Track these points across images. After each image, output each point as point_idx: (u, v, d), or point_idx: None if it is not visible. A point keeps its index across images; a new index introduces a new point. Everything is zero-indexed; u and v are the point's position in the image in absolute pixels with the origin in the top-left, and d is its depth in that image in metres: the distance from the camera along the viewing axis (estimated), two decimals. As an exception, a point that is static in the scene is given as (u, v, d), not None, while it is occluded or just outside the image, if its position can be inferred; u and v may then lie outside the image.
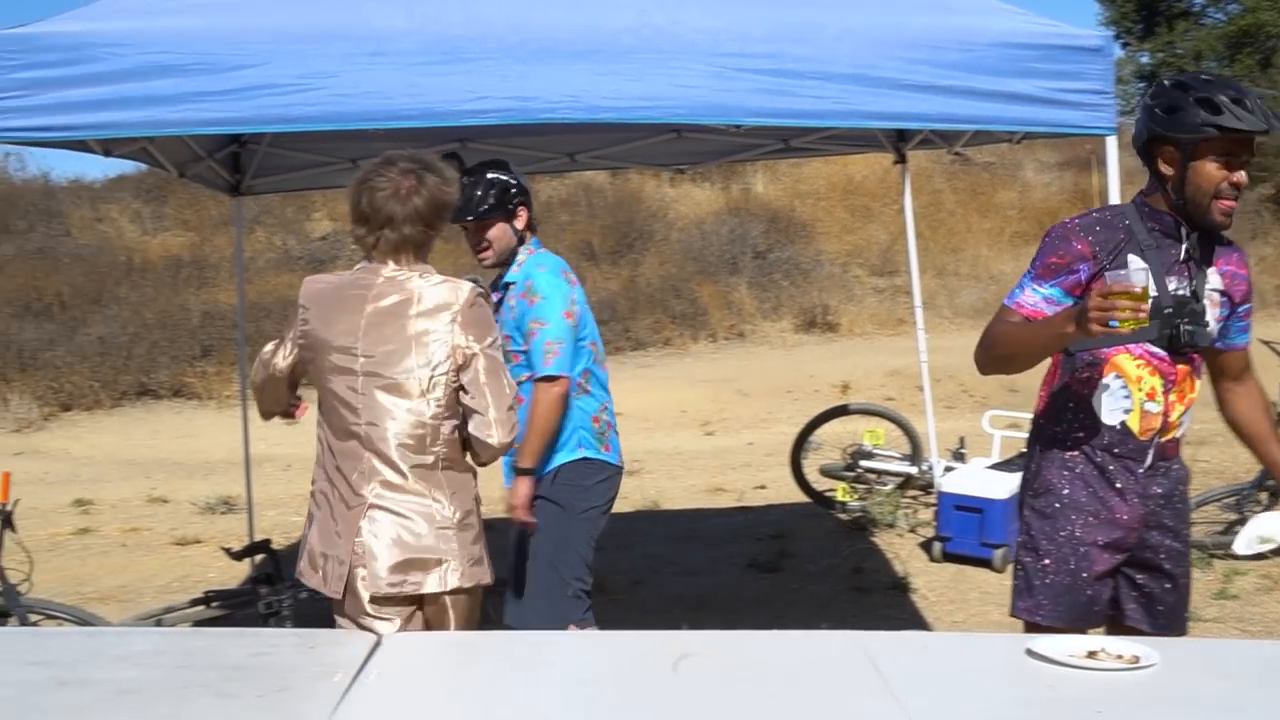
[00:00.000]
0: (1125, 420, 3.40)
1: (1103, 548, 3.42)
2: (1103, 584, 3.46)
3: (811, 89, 4.24)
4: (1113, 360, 3.40)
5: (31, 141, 4.45)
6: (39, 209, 21.10)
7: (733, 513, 9.32)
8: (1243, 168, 3.29)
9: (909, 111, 4.35)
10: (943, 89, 4.26)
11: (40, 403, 15.28)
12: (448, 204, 3.53)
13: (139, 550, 9.05)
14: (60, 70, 4.17)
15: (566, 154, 7.39)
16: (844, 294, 18.77)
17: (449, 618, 3.48)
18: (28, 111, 4.18)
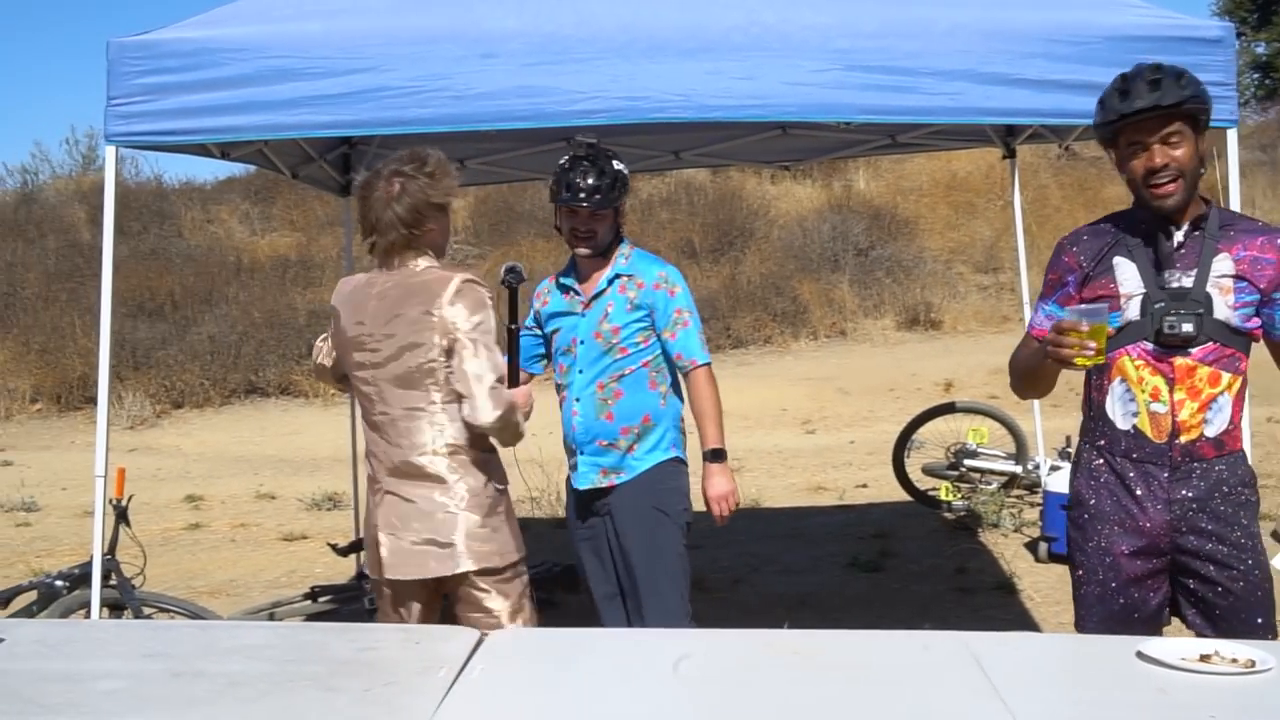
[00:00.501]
0: (1135, 424, 3.36)
1: (1130, 556, 3.38)
2: (1142, 592, 3.40)
3: (923, 85, 4.22)
4: (1117, 364, 3.38)
5: (154, 146, 4.59)
6: (152, 211, 21.59)
7: (834, 511, 9.28)
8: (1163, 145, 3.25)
9: (1022, 107, 4.31)
10: (1057, 84, 4.21)
11: (153, 400, 15.67)
12: (431, 203, 3.66)
13: (247, 545, 9.25)
14: (181, 75, 4.29)
15: (671, 151, 7.40)
16: (947, 291, 18.56)
17: (477, 599, 3.65)
18: (150, 116, 4.32)
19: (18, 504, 10.75)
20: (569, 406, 4.41)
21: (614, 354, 4.32)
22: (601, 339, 4.34)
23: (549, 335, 4.53)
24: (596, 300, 4.37)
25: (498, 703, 2.55)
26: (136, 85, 4.29)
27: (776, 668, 2.70)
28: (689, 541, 4.57)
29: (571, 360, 4.39)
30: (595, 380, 4.35)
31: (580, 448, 4.38)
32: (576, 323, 4.39)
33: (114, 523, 5.22)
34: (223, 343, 16.60)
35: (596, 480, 4.39)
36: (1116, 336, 3.34)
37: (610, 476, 4.39)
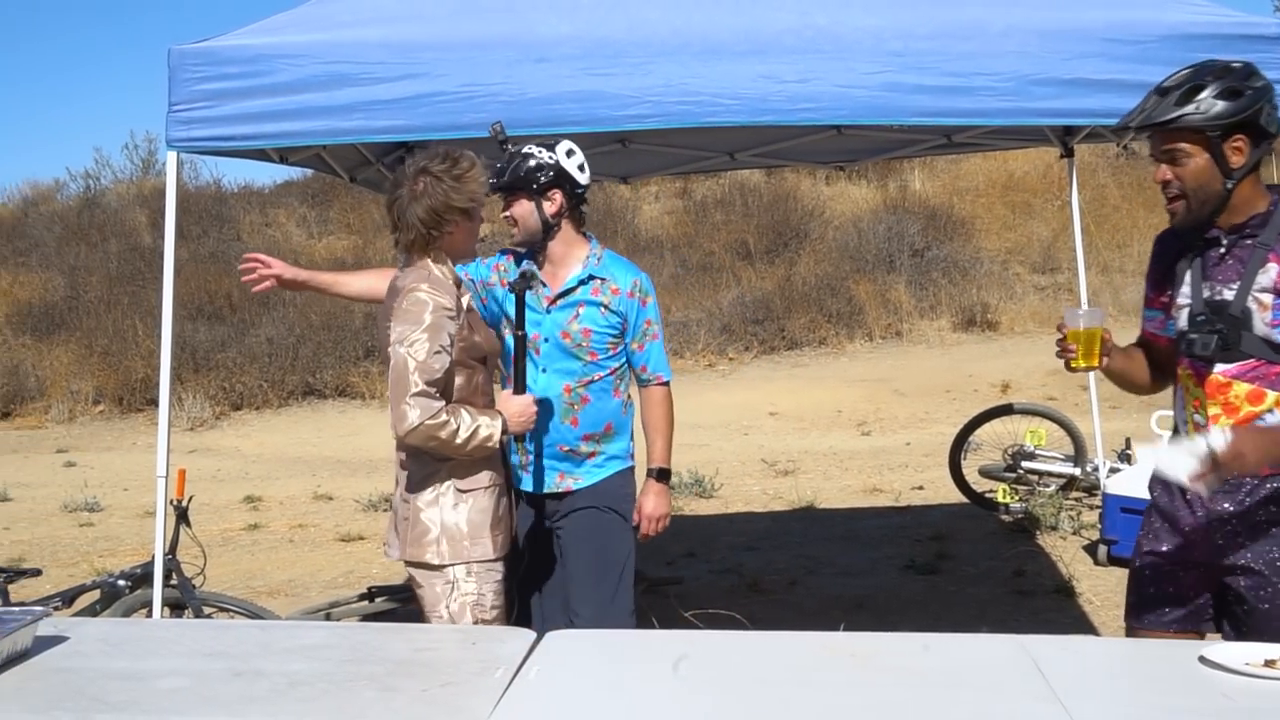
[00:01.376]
0: (1187, 432, 3.31)
1: (1165, 555, 3.36)
2: (1179, 589, 3.36)
3: (979, 87, 4.20)
4: (1177, 371, 3.35)
5: (214, 151, 4.64)
6: (212, 214, 21.84)
7: (890, 513, 9.24)
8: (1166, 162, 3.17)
9: (1080, 107, 4.28)
10: (1115, 83, 4.16)
11: (212, 402, 15.84)
12: (453, 206, 3.65)
13: (305, 546, 9.33)
14: (240, 82, 4.35)
15: (726, 153, 7.40)
16: (1004, 291, 18.42)
17: (419, 587, 3.77)
18: (210, 122, 4.37)
19: (81, 504, 10.91)
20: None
21: (583, 357, 4.17)
22: (570, 340, 4.18)
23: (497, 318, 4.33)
24: (564, 298, 4.20)
25: (555, 703, 2.56)
26: (197, 91, 4.35)
27: (833, 670, 2.69)
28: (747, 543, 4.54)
29: (534, 357, 4.18)
30: (562, 383, 4.20)
31: (539, 450, 4.23)
32: (539, 319, 4.18)
33: (175, 523, 5.29)
34: (281, 345, 16.76)
35: (553, 484, 4.26)
36: (1176, 343, 3.31)
37: (567, 481, 4.26)
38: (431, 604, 3.75)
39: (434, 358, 3.54)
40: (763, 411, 14.33)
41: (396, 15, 4.46)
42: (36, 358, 17.31)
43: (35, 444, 15.05)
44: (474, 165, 3.70)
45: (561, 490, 4.24)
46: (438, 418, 3.53)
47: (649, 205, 21.56)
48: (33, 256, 20.91)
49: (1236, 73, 3.14)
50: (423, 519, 3.75)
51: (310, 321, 17.27)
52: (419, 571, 3.77)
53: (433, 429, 3.53)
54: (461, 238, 3.73)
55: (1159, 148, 3.18)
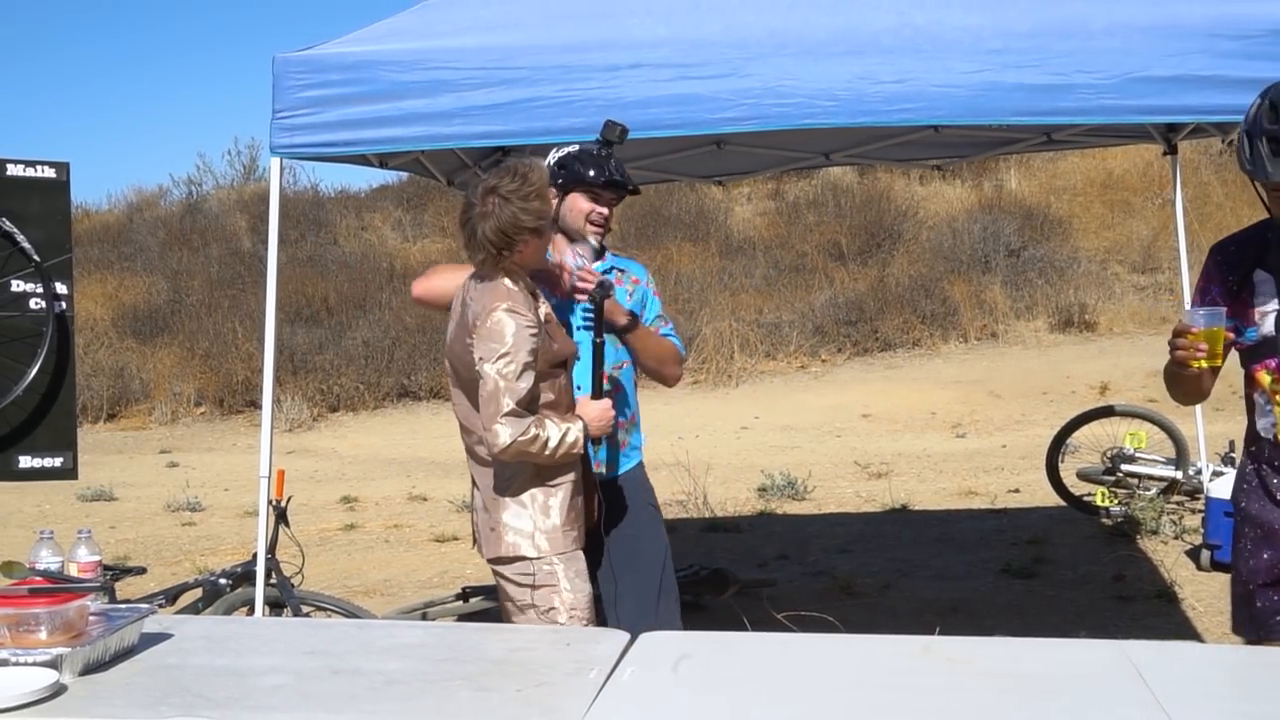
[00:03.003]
0: (1275, 434, 3.36)
1: (1268, 560, 3.38)
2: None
3: (1080, 85, 4.15)
4: (1255, 376, 3.38)
5: (316, 157, 4.74)
6: (309, 219, 22.17)
7: (985, 516, 9.14)
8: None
9: (1184, 104, 4.23)
10: (1220, 80, 4.09)
11: (310, 404, 16.08)
12: (521, 225, 3.67)
13: (400, 546, 9.44)
14: (342, 89, 4.43)
15: (821, 152, 7.37)
16: (1102, 292, 18.12)
17: (504, 586, 3.88)
18: (314, 129, 4.46)
19: (183, 504, 11.13)
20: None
21: (613, 344, 4.15)
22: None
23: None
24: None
25: (649, 704, 2.57)
26: (300, 99, 4.43)
27: (929, 675, 2.67)
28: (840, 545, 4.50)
29: None
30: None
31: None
32: (570, 305, 4.14)
33: (274, 523, 5.38)
34: (376, 347, 16.96)
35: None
36: (1256, 350, 3.35)
37: (602, 469, 4.23)
38: (519, 603, 3.82)
39: (521, 377, 3.65)
40: (855, 413, 14.24)
41: (494, 22, 4.52)
42: (140, 360, 17.69)
43: (139, 445, 15.40)
44: (543, 181, 3.73)
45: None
46: (528, 433, 3.64)
47: (741, 206, 21.51)
48: (137, 261, 21.38)
49: None
50: (504, 518, 3.83)
51: (405, 324, 17.46)
52: (503, 568, 3.85)
53: (524, 444, 3.65)
54: (531, 254, 3.78)
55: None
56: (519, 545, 3.80)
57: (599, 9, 4.52)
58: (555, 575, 3.77)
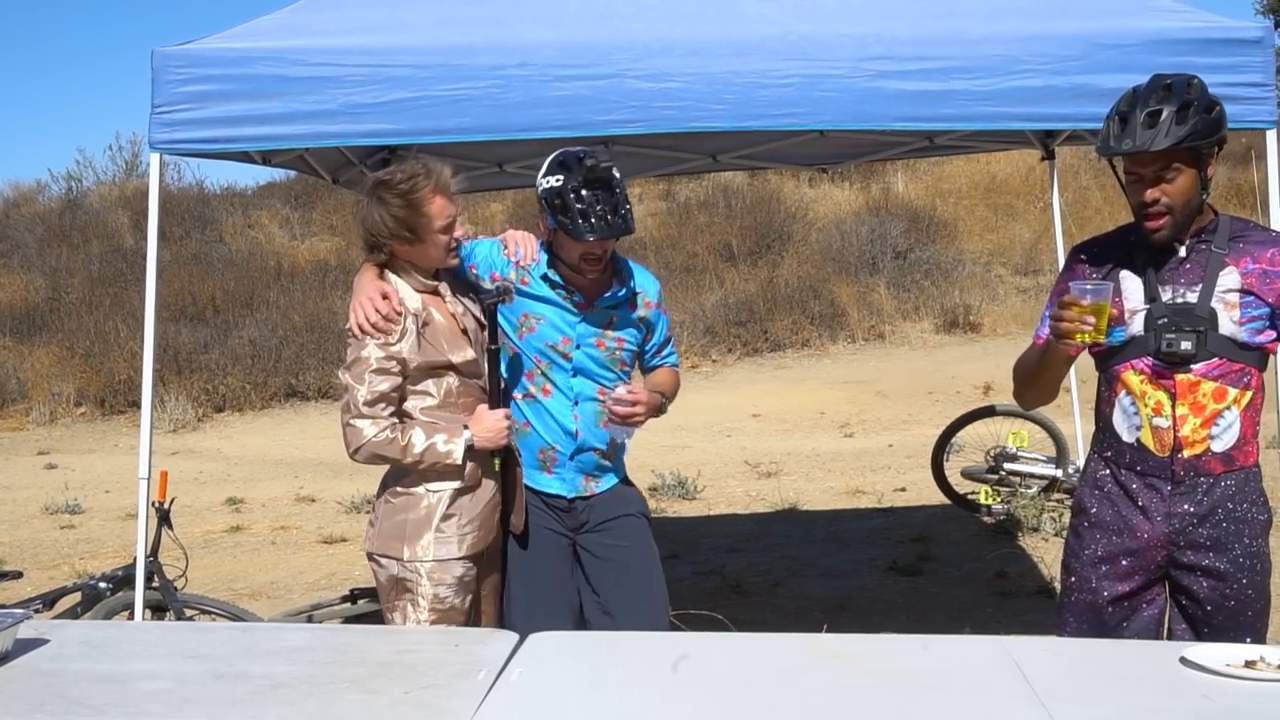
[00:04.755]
0: (1139, 437, 3.37)
1: (1125, 567, 3.39)
2: (1134, 605, 3.42)
3: (960, 90, 4.22)
4: (1121, 377, 3.40)
5: (197, 153, 4.64)
6: (194, 216, 21.78)
7: (873, 515, 9.26)
8: (1156, 183, 3.26)
9: (1060, 112, 4.31)
10: (1097, 89, 4.17)
11: (195, 404, 15.80)
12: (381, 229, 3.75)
13: (288, 548, 9.32)
14: (223, 85, 4.34)
15: (709, 154, 7.40)
16: (986, 294, 18.47)
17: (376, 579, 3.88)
18: (194, 124, 4.36)
19: (62, 506, 10.86)
20: (561, 407, 4.12)
21: (614, 366, 4.15)
22: (604, 348, 4.12)
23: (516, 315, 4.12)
24: (599, 306, 4.14)
25: (537, 706, 2.56)
26: (180, 94, 4.34)
27: (816, 673, 2.70)
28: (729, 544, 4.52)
29: (563, 360, 4.10)
30: (595, 387, 4.13)
31: (573, 453, 4.14)
32: (572, 321, 4.09)
33: (156, 525, 5.27)
34: (263, 347, 16.73)
35: (581, 487, 4.19)
36: (1122, 351, 3.38)
37: (590, 485, 4.21)
38: (384, 601, 3.86)
39: (375, 377, 3.70)
40: (745, 413, 14.34)
41: (380, 23, 4.47)
42: (18, 360, 17.24)
43: (16, 446, 14.99)
44: (426, 191, 3.73)
45: (586, 494, 4.21)
46: (382, 436, 3.69)
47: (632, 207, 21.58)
48: (14, 258, 20.83)
49: (1201, 86, 3.28)
50: (384, 512, 3.85)
51: (293, 323, 17.23)
52: (371, 563, 3.87)
53: (378, 447, 3.70)
54: (415, 255, 3.82)
55: (1148, 168, 3.26)
56: (386, 544, 3.82)
57: (486, 14, 4.50)
58: (416, 581, 3.77)
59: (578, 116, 4.27)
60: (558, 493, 4.16)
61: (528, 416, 4.13)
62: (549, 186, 3.96)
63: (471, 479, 3.84)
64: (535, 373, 4.11)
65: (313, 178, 6.79)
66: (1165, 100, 3.21)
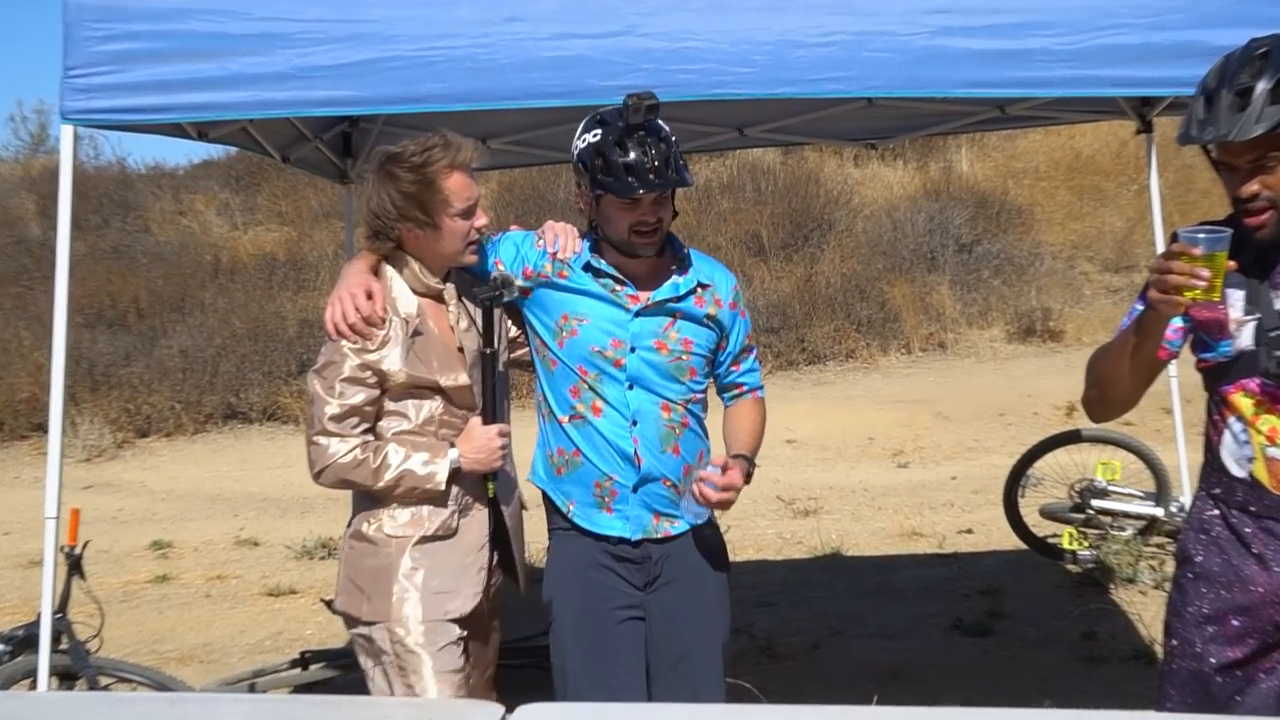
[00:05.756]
0: (1251, 470, 3.32)
1: (1236, 628, 3.36)
2: (1248, 675, 3.37)
3: (1037, 49, 4.21)
4: (1230, 399, 3.35)
5: (119, 125, 4.64)
6: (114, 201, 21.82)
7: (932, 562, 9.25)
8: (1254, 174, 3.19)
9: (1159, 75, 4.30)
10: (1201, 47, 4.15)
11: (114, 427, 15.78)
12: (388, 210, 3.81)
13: (225, 602, 9.32)
14: (151, 43, 4.35)
15: (735, 127, 7.40)
16: (1069, 294, 18.45)
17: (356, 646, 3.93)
18: (114, 90, 4.36)
19: (-47, 552, 10.89)
20: (617, 428, 4.06)
21: (683, 374, 4.11)
22: (666, 351, 4.08)
23: (554, 318, 4.11)
24: (661, 305, 4.10)
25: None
26: (99, 53, 4.35)
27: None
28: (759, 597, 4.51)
29: (615, 369, 4.06)
30: (659, 401, 4.09)
31: (636, 485, 4.08)
32: (624, 320, 4.06)
33: (66, 575, 5.27)
34: (198, 358, 16.72)
35: (651, 527, 4.13)
36: (1229, 369, 3.34)
37: (664, 524, 4.15)
38: (365, 668, 3.87)
39: (347, 387, 3.75)
40: (778, 438, 14.33)
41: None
42: (-101, 373, 17.28)
43: (-104, 478, 15.03)
44: (441, 165, 3.78)
45: (659, 535, 4.15)
46: (350, 455, 3.73)
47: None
48: (-104, 250, 20.91)
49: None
50: (347, 560, 3.89)
51: (233, 330, 17.24)
52: (354, 628, 3.89)
53: (345, 469, 3.75)
54: (425, 244, 3.85)
55: (1242, 158, 3.20)
56: (350, 598, 3.84)
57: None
58: (387, 644, 3.79)
59: (578, 81, 4.27)
60: (620, 535, 4.11)
61: (577, 443, 4.08)
62: (586, 145, 3.97)
63: (444, 527, 3.84)
64: (582, 387, 4.06)
65: (258, 155, 6.81)
66: (1260, 73, 3.13)
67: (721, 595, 4.25)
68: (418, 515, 3.86)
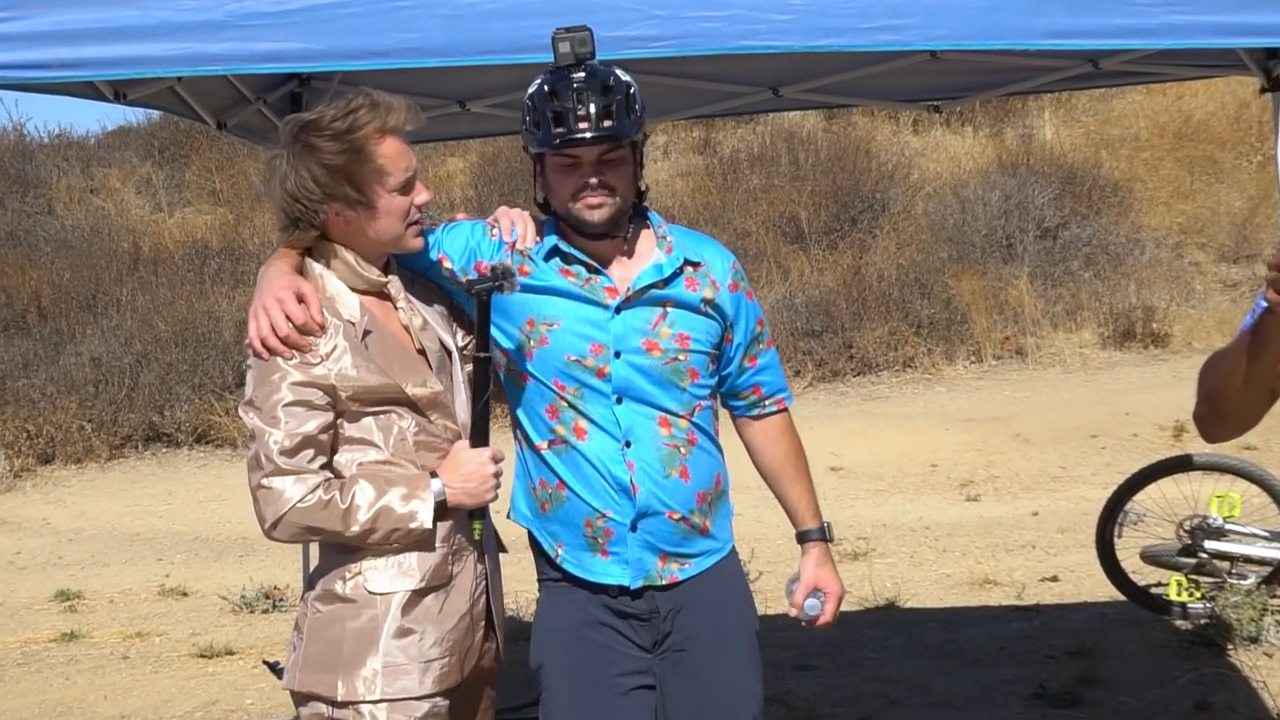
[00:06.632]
0: None
1: None
2: None
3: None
4: None
5: (17, 84, 4.63)
6: (10, 176, 21.88)
7: (1010, 617, 9.26)
8: None
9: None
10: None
11: (9, 451, 15.83)
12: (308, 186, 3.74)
13: (147, 664, 9.34)
14: (56, -16, 4.36)
15: (768, 87, 7.41)
16: (1177, 290, 18.46)
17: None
18: (10, 41, 4.35)
19: None
20: (607, 453, 4.03)
21: (681, 378, 4.07)
22: (660, 352, 4.04)
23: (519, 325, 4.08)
24: (642, 295, 4.07)
25: None
26: (-9, -3, 4.36)
27: None
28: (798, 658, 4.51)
29: (598, 380, 4.03)
30: (655, 415, 4.05)
31: (633, 521, 4.03)
32: (603, 319, 4.03)
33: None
34: (113, 368, 16.75)
35: (656, 571, 4.09)
36: None
37: (671, 568, 4.11)
38: None
39: (294, 414, 3.67)
40: (821, 465, 14.32)
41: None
42: None
43: None
44: (374, 122, 3.74)
45: (665, 581, 4.12)
46: (312, 498, 3.66)
47: (656, 163, 21.60)
48: None
49: None
50: (310, 627, 3.84)
51: (156, 334, 17.26)
52: (305, 708, 3.84)
53: (307, 515, 3.67)
54: (360, 227, 3.81)
55: None
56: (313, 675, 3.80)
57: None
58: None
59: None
60: (618, 582, 4.08)
61: (560, 474, 4.04)
62: (527, 94, 3.98)
63: (438, 574, 3.83)
64: (560, 405, 4.03)
65: (187, 121, 6.82)
66: None
67: (750, 656, 4.23)
68: (404, 564, 3.79)
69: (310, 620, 3.83)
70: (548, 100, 3.89)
